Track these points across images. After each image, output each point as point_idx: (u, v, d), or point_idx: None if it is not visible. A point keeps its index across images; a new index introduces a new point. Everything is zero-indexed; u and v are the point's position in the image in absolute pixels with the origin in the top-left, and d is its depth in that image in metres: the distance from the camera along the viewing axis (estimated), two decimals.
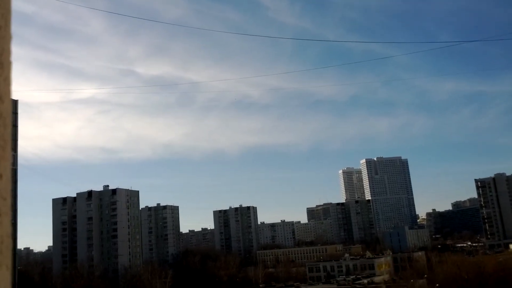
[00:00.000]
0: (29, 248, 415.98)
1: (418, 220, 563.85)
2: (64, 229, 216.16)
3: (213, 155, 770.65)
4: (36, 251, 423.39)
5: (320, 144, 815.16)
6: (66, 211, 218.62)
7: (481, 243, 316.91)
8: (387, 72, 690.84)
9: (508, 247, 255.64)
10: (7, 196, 1.67)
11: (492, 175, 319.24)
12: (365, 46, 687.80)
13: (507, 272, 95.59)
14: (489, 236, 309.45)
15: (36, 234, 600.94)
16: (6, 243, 1.59)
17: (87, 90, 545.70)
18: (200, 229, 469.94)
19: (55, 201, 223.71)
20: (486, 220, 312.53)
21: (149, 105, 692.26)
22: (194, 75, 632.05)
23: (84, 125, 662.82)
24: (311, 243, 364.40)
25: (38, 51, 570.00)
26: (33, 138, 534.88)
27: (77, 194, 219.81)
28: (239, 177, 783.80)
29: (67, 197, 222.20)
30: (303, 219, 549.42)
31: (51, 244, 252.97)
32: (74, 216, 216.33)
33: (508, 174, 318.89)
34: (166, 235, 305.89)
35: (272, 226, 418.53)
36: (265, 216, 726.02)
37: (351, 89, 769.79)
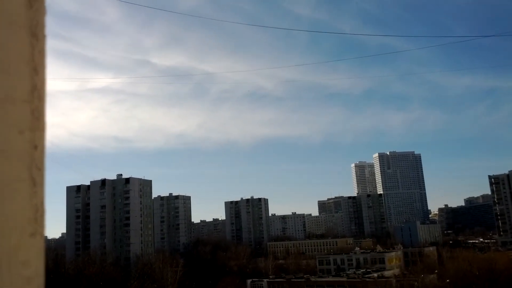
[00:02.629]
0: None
1: (430, 215, 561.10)
2: (77, 217, 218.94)
3: (226, 146, 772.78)
4: (50, 238, 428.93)
5: (332, 137, 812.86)
6: (79, 199, 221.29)
7: (493, 239, 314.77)
8: (401, 66, 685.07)
9: None
10: (42, 167, 1.67)
11: (506, 172, 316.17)
12: (380, 40, 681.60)
13: None
14: (501, 233, 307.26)
15: (50, 221, 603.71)
16: (40, 211, 1.62)
17: (102, 80, 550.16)
18: (212, 220, 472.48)
19: (69, 189, 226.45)
20: (499, 217, 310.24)
21: (163, 95, 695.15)
22: (208, 66, 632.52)
23: (98, 114, 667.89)
24: (322, 236, 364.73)
25: (54, 40, 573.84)
26: (48, 125, 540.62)
27: (91, 182, 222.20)
28: (251, 169, 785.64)
29: (81, 185, 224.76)
30: (314, 211, 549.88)
31: (64, 231, 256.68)
32: (88, 204, 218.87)
33: None
34: (178, 224, 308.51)
35: (283, 218, 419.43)
36: (276, 208, 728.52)
37: (365, 82, 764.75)
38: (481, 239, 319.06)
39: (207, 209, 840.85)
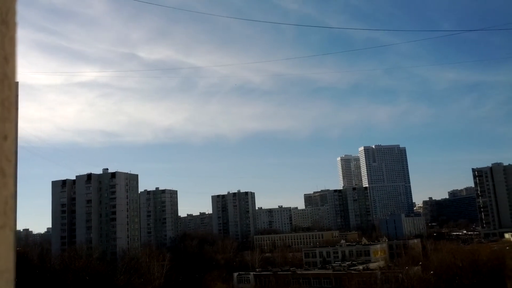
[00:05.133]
0: (28, 229, 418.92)
1: (414, 208, 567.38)
2: (63, 211, 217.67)
3: (214, 140, 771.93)
4: (35, 233, 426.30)
5: (320, 131, 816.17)
6: (65, 193, 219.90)
7: (476, 231, 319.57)
8: (388, 60, 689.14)
9: (503, 236, 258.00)
10: (12, 158, 1.62)
11: (490, 165, 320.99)
12: (367, 34, 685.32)
13: (501, 260, 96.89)
14: (484, 225, 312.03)
15: (35, 215, 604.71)
16: (10, 204, 1.55)
17: (89, 73, 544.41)
18: (198, 214, 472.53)
19: (54, 183, 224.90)
20: (482, 209, 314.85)
21: (150, 89, 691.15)
22: (196, 60, 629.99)
23: (85, 108, 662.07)
24: (308, 229, 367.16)
25: (40, 33, 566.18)
26: (34, 120, 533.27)
27: (77, 176, 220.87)
28: (239, 163, 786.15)
29: (67, 179, 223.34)
30: (301, 205, 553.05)
31: (50, 226, 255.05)
32: (74, 199, 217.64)
33: (505, 164, 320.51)
34: (165, 218, 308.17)
35: (270, 211, 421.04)
36: (263, 202, 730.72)
37: (353, 76, 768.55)
38: (465, 231, 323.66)
39: (194, 203, 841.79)
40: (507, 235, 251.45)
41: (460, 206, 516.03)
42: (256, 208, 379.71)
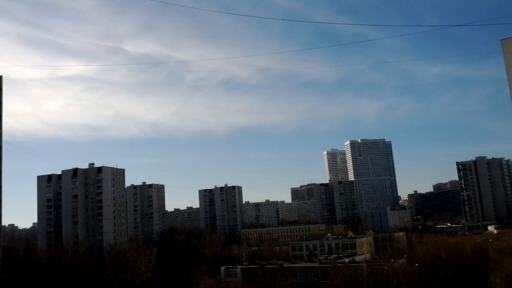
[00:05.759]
0: (13, 224, 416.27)
1: (399, 201, 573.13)
2: (49, 206, 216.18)
3: (201, 135, 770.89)
4: (20, 228, 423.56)
5: (306, 125, 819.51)
6: (51, 188, 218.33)
7: (460, 224, 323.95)
8: (374, 55, 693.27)
9: (486, 229, 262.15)
10: None
11: (474, 158, 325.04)
12: (354, 29, 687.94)
13: (484, 253, 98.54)
14: (468, 218, 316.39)
15: (21, 211, 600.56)
16: None
17: (74, 67, 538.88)
18: (186, 208, 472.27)
19: (40, 178, 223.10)
20: (466, 202, 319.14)
21: (136, 83, 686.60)
22: (183, 54, 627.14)
23: (70, 103, 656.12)
24: (295, 223, 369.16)
25: (25, 27, 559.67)
26: (19, 114, 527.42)
27: (62, 171, 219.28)
28: (226, 157, 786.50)
29: (52, 174, 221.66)
30: (287, 199, 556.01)
31: (36, 221, 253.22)
32: (59, 194, 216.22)
33: (489, 157, 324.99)
34: (152, 213, 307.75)
35: (257, 205, 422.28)
36: (250, 196, 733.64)
37: (339, 71, 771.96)
38: (449, 224, 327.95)
39: (181, 198, 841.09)
40: (490, 228, 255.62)
41: (445, 199, 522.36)
42: (243, 202, 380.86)
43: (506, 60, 55.62)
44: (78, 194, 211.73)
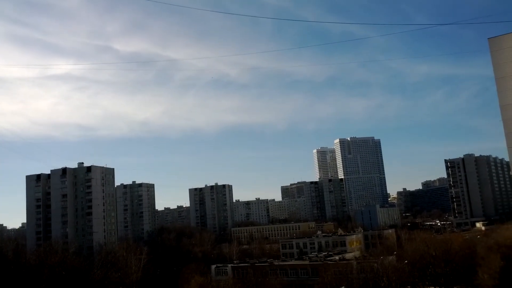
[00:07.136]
0: (2, 225, 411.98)
1: (389, 199, 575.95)
2: (38, 206, 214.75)
3: (191, 134, 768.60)
4: (9, 228, 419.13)
5: (296, 124, 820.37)
6: (40, 188, 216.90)
7: (449, 221, 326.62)
8: (364, 54, 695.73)
9: (474, 225, 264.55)
10: None
11: (462, 156, 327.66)
12: (343, 28, 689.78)
13: (473, 249, 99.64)
14: (457, 215, 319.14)
15: (9, 211, 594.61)
16: None
17: (63, 66, 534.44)
18: (176, 207, 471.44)
19: (28, 178, 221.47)
20: (454, 199, 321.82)
21: (126, 82, 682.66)
22: (172, 53, 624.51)
23: (59, 102, 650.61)
24: (285, 221, 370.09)
25: (14, 25, 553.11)
26: (7, 113, 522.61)
27: (51, 171, 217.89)
28: (216, 156, 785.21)
29: (41, 174, 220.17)
30: (278, 197, 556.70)
31: (25, 221, 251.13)
32: (49, 193, 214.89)
33: (477, 155, 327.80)
34: (142, 212, 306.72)
35: (247, 204, 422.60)
36: (240, 194, 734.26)
37: (328, 69, 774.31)
38: (438, 221, 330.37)
39: (172, 197, 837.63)
40: (478, 225, 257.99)
41: (433, 197, 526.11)
42: (234, 201, 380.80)
43: (494, 59, 56.15)
44: (67, 194, 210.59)
